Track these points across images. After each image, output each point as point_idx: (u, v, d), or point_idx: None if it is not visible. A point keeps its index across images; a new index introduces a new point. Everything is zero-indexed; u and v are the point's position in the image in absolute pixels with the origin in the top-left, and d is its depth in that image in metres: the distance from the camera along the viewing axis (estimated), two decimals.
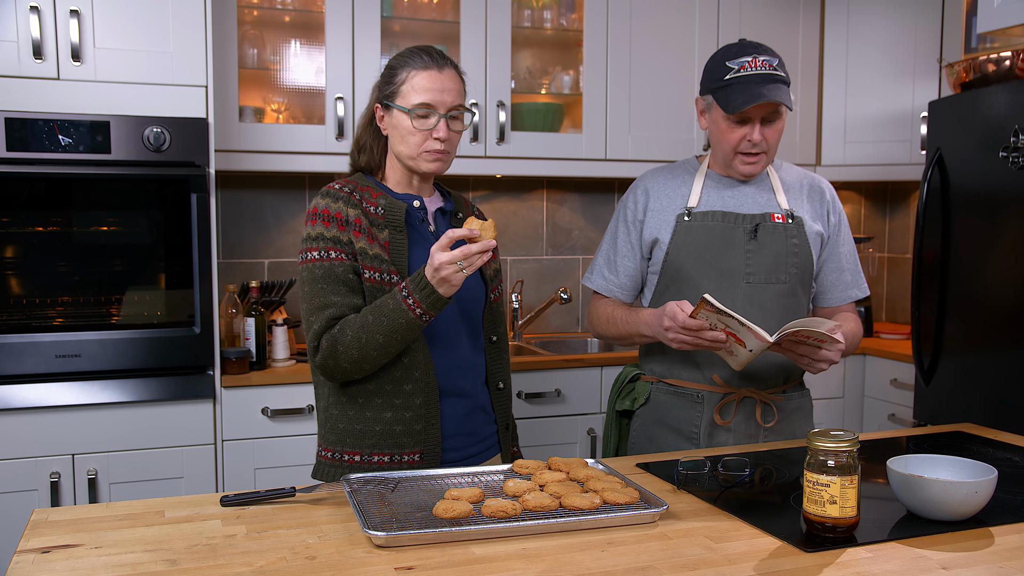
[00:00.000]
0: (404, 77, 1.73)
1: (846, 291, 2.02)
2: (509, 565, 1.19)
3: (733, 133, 1.88)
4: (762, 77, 1.82)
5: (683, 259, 1.93)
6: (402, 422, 1.70)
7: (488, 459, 1.84)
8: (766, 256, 1.91)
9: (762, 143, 1.88)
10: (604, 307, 2.05)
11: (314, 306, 1.67)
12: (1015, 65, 2.80)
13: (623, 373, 2.11)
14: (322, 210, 1.70)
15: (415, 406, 1.70)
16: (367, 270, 1.68)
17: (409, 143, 1.73)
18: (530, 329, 3.58)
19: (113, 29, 2.47)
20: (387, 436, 1.70)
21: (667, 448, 1.97)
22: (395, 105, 1.73)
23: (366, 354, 1.63)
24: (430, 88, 1.71)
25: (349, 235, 1.68)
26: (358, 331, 1.63)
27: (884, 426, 3.31)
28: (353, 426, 1.72)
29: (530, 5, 3.30)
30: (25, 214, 2.45)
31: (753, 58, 1.84)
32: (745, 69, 1.83)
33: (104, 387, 2.50)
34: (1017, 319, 2.62)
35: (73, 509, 1.42)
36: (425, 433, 1.71)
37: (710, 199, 1.96)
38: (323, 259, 1.67)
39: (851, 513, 1.28)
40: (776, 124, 1.88)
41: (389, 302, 1.62)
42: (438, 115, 1.71)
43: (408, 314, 1.60)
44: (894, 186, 4.04)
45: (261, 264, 3.25)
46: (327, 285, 1.66)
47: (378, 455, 1.70)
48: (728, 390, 1.92)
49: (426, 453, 1.71)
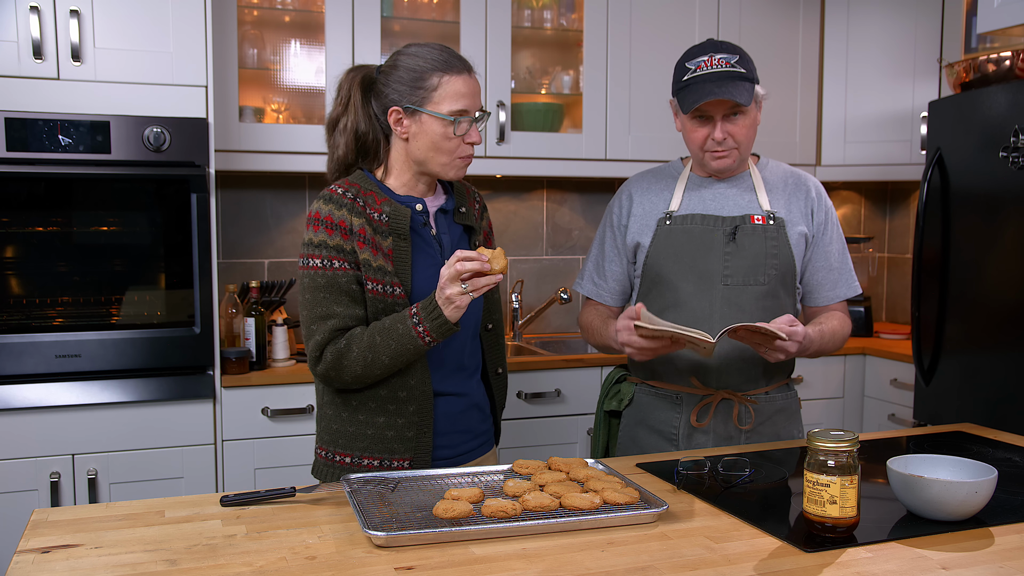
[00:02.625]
0: (437, 82, 1.66)
1: (834, 290, 2.01)
2: (509, 565, 1.19)
3: (696, 132, 1.91)
4: (716, 75, 1.84)
5: (662, 262, 1.94)
6: (394, 428, 1.70)
7: (482, 455, 1.84)
8: (744, 258, 1.91)
9: (728, 140, 1.88)
10: (587, 315, 2.08)
11: (316, 315, 1.65)
12: (1015, 65, 2.80)
13: (611, 374, 2.13)
14: (325, 216, 1.66)
15: (408, 413, 1.70)
16: (370, 281, 1.66)
17: (443, 150, 1.68)
18: (530, 329, 3.58)
19: (113, 29, 2.47)
20: (378, 440, 1.70)
21: (649, 449, 1.98)
22: (428, 111, 1.66)
23: (369, 372, 1.64)
24: (465, 93, 1.68)
25: (352, 244, 1.65)
26: (364, 350, 1.62)
27: (884, 426, 3.31)
28: (346, 428, 1.72)
29: (530, 5, 3.30)
30: (25, 214, 2.45)
31: (710, 57, 1.86)
32: (701, 69, 1.85)
33: (104, 387, 2.50)
34: (1017, 319, 2.61)
35: (73, 509, 1.42)
36: (416, 440, 1.71)
37: (691, 202, 1.97)
38: (326, 268, 1.65)
39: (851, 513, 1.28)
40: (741, 119, 1.87)
41: (399, 326, 1.61)
42: (471, 120, 1.69)
43: (417, 340, 1.60)
44: (894, 186, 4.04)
45: (261, 264, 3.25)
46: (329, 295, 1.65)
47: (368, 458, 1.70)
48: (706, 392, 1.93)
49: (416, 460, 1.71)
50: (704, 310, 1.90)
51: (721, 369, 1.92)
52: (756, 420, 1.94)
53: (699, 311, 1.90)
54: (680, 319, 1.89)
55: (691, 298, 1.91)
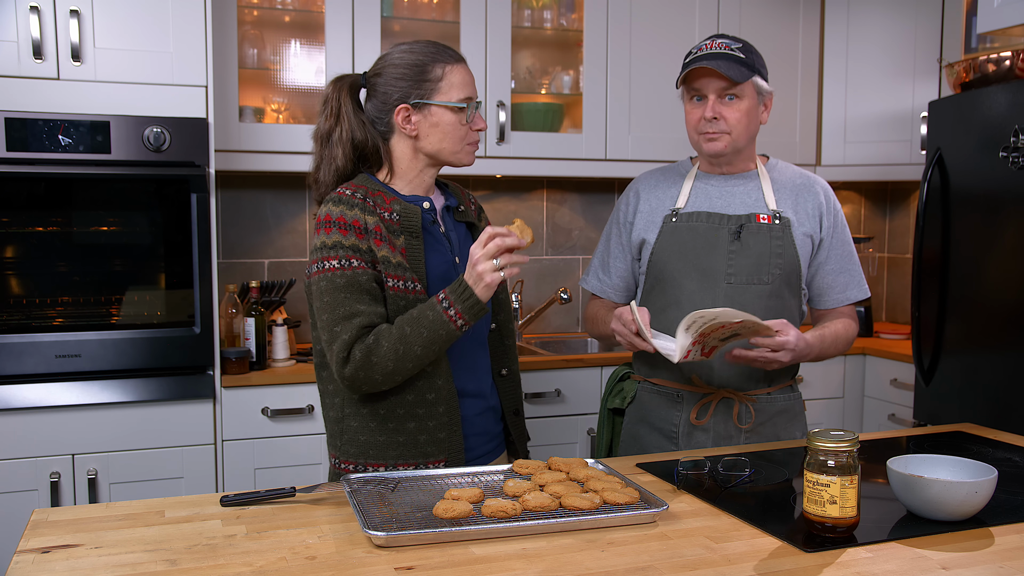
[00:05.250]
0: (441, 73, 1.69)
1: (843, 292, 2.01)
2: (509, 565, 1.19)
3: (692, 113, 1.93)
4: (713, 55, 1.86)
5: (666, 259, 1.95)
6: (425, 431, 1.67)
7: (497, 456, 1.83)
8: (748, 257, 1.91)
9: (720, 122, 1.88)
10: (593, 307, 2.11)
11: (339, 316, 1.59)
12: (1015, 65, 2.80)
13: (615, 372, 2.13)
14: (337, 217, 1.62)
15: (438, 414, 1.68)
16: (390, 278, 1.63)
17: (453, 139, 1.71)
18: (530, 329, 3.58)
19: (113, 29, 2.47)
20: (411, 446, 1.67)
21: (650, 447, 1.98)
22: (437, 102, 1.68)
23: (401, 366, 1.59)
24: (468, 81, 1.72)
25: (369, 243, 1.62)
26: (395, 343, 1.57)
27: (884, 426, 3.31)
28: (375, 438, 1.67)
29: (530, 5, 3.30)
30: (25, 214, 2.45)
31: (712, 40, 1.89)
32: (702, 50, 1.88)
33: (104, 387, 2.50)
34: (1017, 319, 2.61)
35: (73, 509, 1.42)
36: (449, 441, 1.69)
37: (698, 200, 1.97)
38: (344, 267, 1.60)
39: (851, 513, 1.28)
40: (736, 103, 1.88)
41: (428, 314, 1.58)
42: (476, 105, 1.73)
43: (449, 325, 1.58)
44: (894, 186, 4.04)
45: (261, 264, 3.25)
46: (351, 294, 1.60)
47: (403, 465, 1.67)
48: (707, 390, 1.93)
49: (450, 460, 1.69)
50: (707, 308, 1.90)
51: (722, 368, 1.92)
52: (756, 420, 1.94)
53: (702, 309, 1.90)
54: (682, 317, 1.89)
55: (694, 296, 1.91)
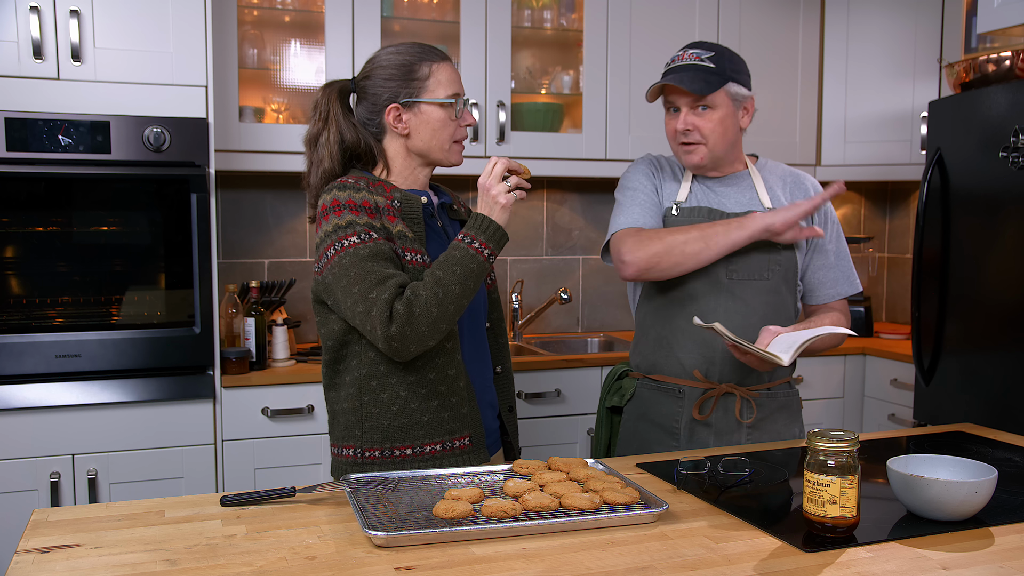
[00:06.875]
0: (428, 71, 1.72)
1: (835, 287, 2.03)
2: (509, 565, 1.19)
3: (668, 125, 1.96)
4: (682, 67, 1.89)
5: None
6: (449, 407, 1.69)
7: (495, 452, 1.85)
8: (748, 254, 1.92)
9: (693, 133, 1.90)
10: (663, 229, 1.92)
11: (372, 282, 1.57)
12: (1015, 65, 2.80)
13: (613, 370, 2.13)
14: (346, 200, 1.63)
15: (459, 389, 1.70)
16: (408, 252, 1.65)
17: (442, 136, 1.73)
18: (530, 329, 3.58)
19: (113, 29, 2.47)
20: (436, 424, 1.69)
21: (651, 443, 1.98)
22: (426, 100, 1.71)
23: (444, 310, 1.57)
24: (454, 78, 1.75)
25: (382, 220, 1.63)
26: (432, 288, 1.57)
27: (884, 426, 3.31)
28: (399, 420, 1.67)
29: (530, 5, 3.30)
30: (25, 214, 2.45)
31: (683, 52, 1.93)
32: (673, 63, 1.92)
33: (104, 387, 2.50)
34: (1017, 319, 2.61)
35: (73, 509, 1.42)
36: (470, 416, 1.71)
37: (697, 197, 1.99)
38: (365, 240, 1.60)
39: (851, 513, 1.28)
40: (709, 113, 1.89)
41: (455, 253, 1.60)
42: (464, 101, 1.76)
43: (478, 257, 1.61)
44: (894, 186, 4.04)
45: (261, 264, 3.25)
46: (378, 262, 1.59)
47: (429, 444, 1.68)
48: (709, 385, 1.94)
49: (474, 436, 1.72)
50: (709, 304, 1.91)
51: (724, 363, 1.92)
52: (758, 415, 1.94)
53: (704, 306, 1.91)
54: (685, 313, 1.92)
55: (697, 292, 1.93)
